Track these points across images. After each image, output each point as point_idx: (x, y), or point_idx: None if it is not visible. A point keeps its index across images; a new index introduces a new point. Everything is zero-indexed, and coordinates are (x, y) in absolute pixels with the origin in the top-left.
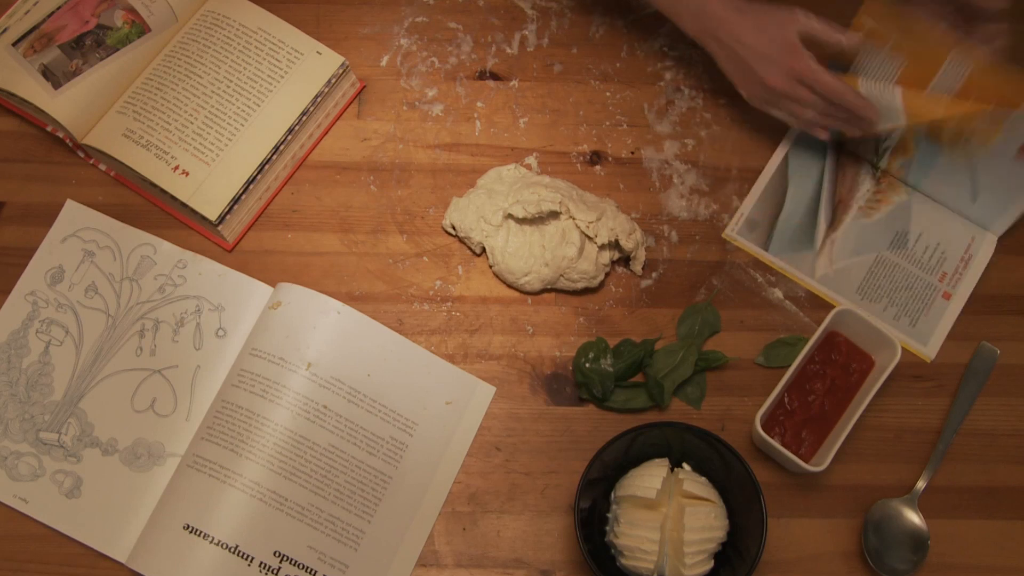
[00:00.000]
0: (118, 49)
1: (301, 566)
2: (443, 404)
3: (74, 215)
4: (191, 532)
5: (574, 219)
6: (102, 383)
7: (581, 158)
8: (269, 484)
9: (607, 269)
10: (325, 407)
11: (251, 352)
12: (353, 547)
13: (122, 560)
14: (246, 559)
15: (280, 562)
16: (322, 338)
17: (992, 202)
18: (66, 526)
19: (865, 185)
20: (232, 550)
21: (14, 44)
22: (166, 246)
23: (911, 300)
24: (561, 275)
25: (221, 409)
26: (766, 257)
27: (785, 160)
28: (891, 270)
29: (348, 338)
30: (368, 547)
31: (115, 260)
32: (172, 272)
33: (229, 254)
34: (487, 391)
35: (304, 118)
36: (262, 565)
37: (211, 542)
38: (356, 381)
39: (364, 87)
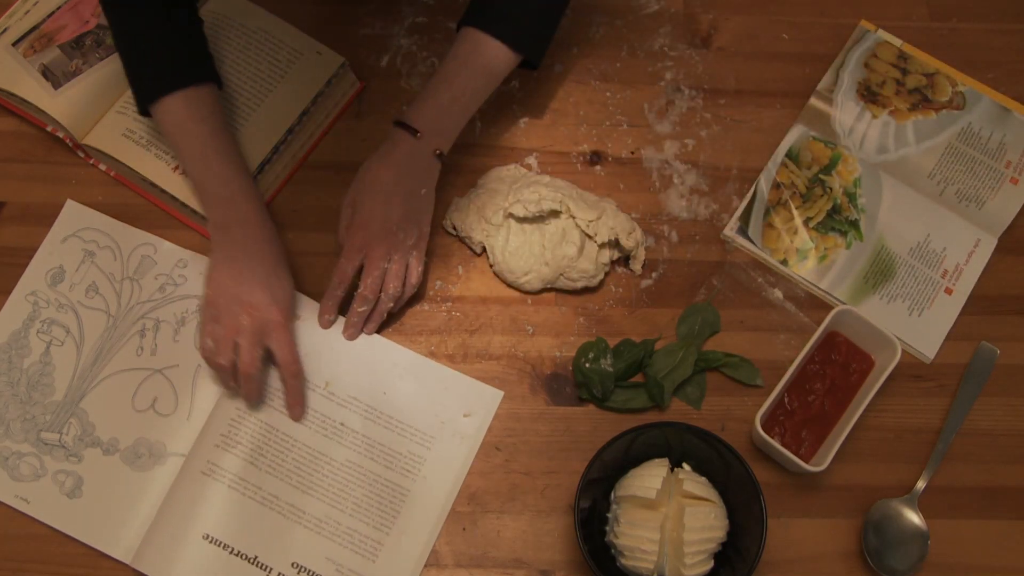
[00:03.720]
0: None
1: None
2: (461, 417)
3: (74, 215)
4: (211, 542)
5: (574, 218)
6: (103, 383)
7: (581, 158)
8: (288, 498)
9: (607, 268)
10: (342, 424)
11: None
12: (371, 558)
13: (126, 560)
14: (265, 570)
15: (298, 573)
16: (340, 357)
17: None
18: (67, 526)
19: None
20: (251, 561)
21: (14, 44)
22: (167, 245)
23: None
24: (561, 274)
25: (237, 419)
26: (765, 257)
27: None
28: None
29: (365, 357)
30: (386, 558)
31: (115, 260)
32: (173, 272)
33: None
34: (496, 395)
35: (304, 118)
36: None
37: (231, 553)
38: (373, 399)
39: (364, 87)
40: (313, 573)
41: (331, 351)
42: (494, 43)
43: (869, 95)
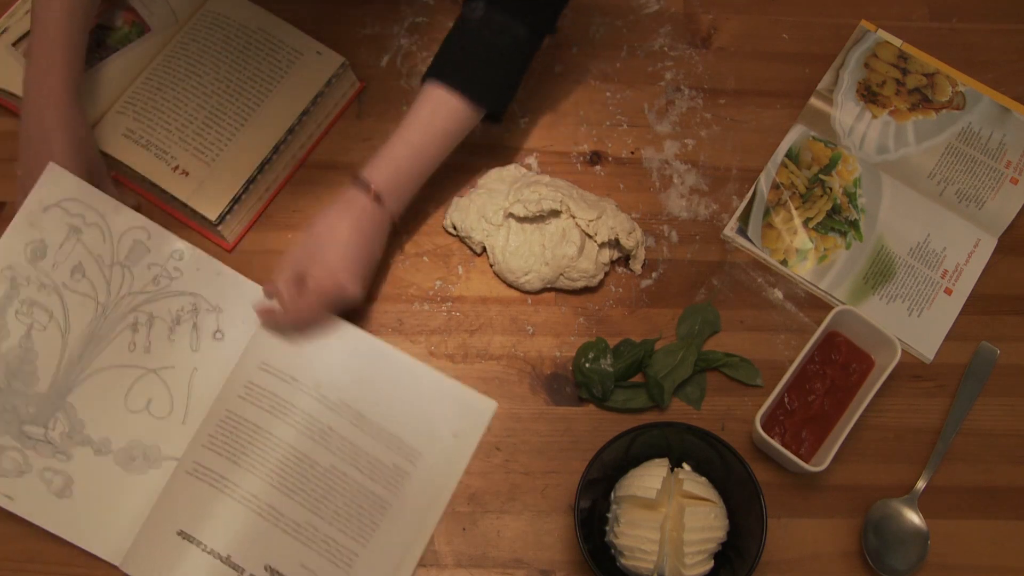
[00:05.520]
0: (118, 49)
1: None
2: (450, 436)
3: (57, 181)
4: (184, 538)
5: (574, 218)
6: (92, 377)
7: (581, 158)
8: (267, 498)
9: (607, 268)
10: (330, 428)
11: (261, 366)
12: (345, 569)
13: (116, 563)
14: (237, 570)
15: None
16: (334, 360)
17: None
18: (56, 526)
19: None
20: (224, 560)
21: (14, 44)
22: (160, 231)
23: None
24: (561, 274)
25: (225, 419)
26: (765, 257)
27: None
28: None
29: (359, 362)
30: (360, 571)
31: (105, 241)
32: (168, 263)
33: (229, 254)
34: (489, 406)
35: (304, 118)
36: None
37: (203, 550)
38: (363, 406)
39: (364, 87)
40: None
41: (323, 353)
42: (456, 97)
43: (869, 95)
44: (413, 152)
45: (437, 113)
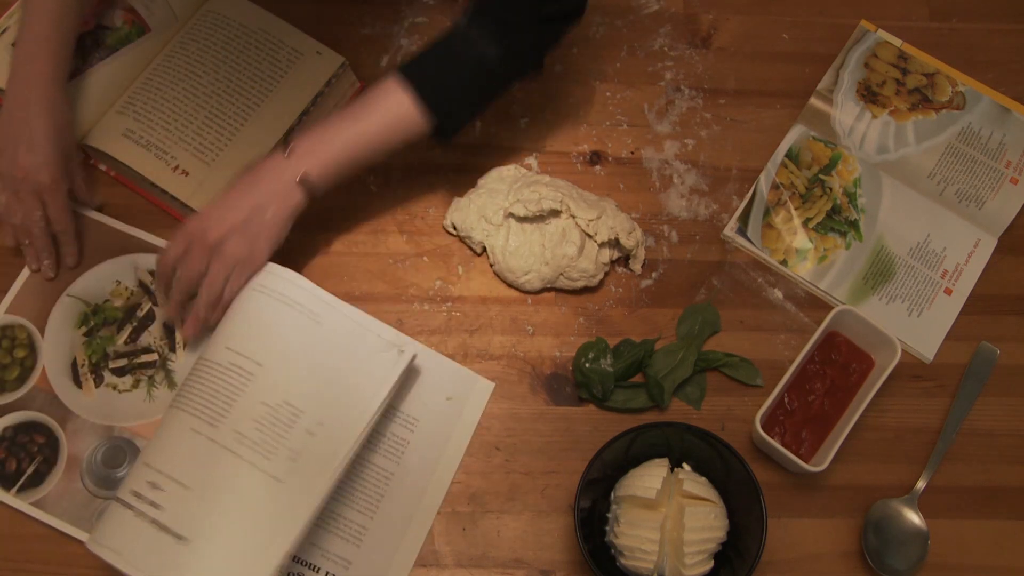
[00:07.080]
0: (118, 49)
1: (305, 563)
2: (444, 400)
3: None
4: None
5: (574, 218)
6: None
7: (581, 158)
8: None
9: (607, 268)
10: None
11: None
12: (356, 544)
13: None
14: None
15: (283, 557)
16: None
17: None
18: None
19: None
20: None
21: (14, 44)
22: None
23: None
24: (561, 274)
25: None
26: (765, 257)
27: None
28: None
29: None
30: (370, 543)
31: None
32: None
33: None
34: (486, 386)
35: (304, 118)
36: None
37: None
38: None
39: (364, 87)
40: (298, 558)
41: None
42: (410, 98)
43: (869, 95)
44: (343, 122)
45: (385, 96)
